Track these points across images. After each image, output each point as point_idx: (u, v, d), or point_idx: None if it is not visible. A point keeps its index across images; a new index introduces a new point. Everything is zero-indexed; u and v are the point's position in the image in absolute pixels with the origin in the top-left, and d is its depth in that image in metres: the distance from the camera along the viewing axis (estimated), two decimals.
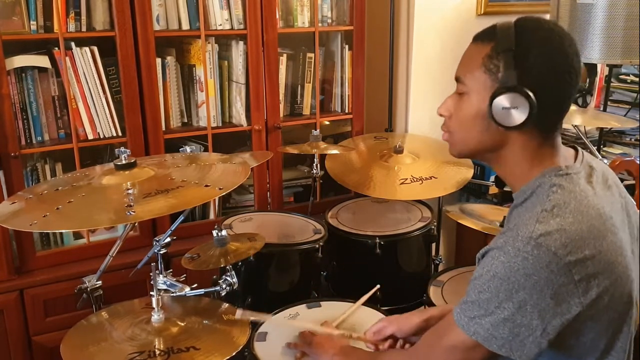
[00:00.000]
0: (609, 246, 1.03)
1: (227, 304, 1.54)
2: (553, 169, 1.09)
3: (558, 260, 0.97)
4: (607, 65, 2.70)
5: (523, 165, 1.11)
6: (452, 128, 1.17)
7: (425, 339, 1.18)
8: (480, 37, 1.12)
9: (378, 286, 1.74)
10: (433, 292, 1.87)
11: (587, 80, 3.18)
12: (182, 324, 1.41)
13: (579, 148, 1.18)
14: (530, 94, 1.03)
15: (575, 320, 1.00)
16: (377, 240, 2.00)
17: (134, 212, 1.20)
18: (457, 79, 1.14)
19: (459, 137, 1.16)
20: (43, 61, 2.00)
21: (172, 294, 1.49)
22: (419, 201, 2.30)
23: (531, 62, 1.04)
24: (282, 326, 1.61)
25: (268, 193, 2.45)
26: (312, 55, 2.46)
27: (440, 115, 1.19)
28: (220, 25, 2.21)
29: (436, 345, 1.11)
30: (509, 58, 1.04)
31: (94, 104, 2.06)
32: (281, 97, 2.41)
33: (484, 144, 1.13)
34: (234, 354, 1.32)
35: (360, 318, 1.66)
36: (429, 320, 1.44)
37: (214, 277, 1.68)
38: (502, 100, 1.05)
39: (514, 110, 1.04)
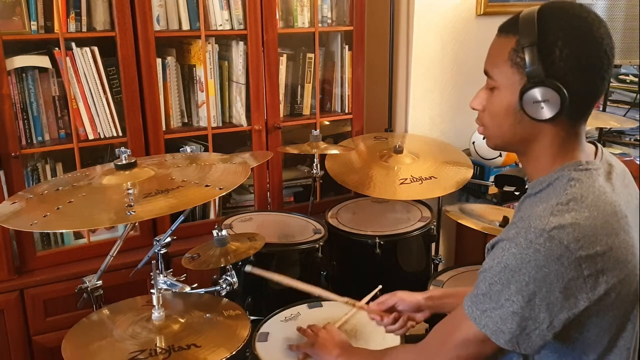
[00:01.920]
0: (620, 244, 1.02)
1: (228, 300, 1.54)
2: (573, 163, 1.08)
3: (569, 254, 0.97)
4: None
5: (548, 157, 1.10)
6: (485, 122, 1.15)
7: (435, 333, 1.17)
8: (504, 29, 1.10)
9: (380, 287, 1.75)
10: None
11: None
12: (183, 321, 1.42)
13: (598, 144, 1.17)
14: (561, 86, 1.02)
15: (581, 315, 1.00)
16: (377, 240, 2.00)
17: (134, 212, 1.20)
18: (486, 73, 1.13)
19: (493, 131, 1.15)
20: (43, 61, 2.01)
21: None
22: (419, 201, 2.30)
23: (557, 54, 1.02)
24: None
25: (268, 193, 2.45)
26: (312, 55, 2.46)
27: (473, 109, 1.17)
28: (221, 25, 2.21)
29: (448, 339, 1.11)
30: (534, 52, 1.02)
31: (95, 104, 2.06)
32: (281, 97, 2.41)
33: (518, 137, 1.12)
34: (235, 351, 1.32)
35: (362, 319, 1.66)
36: (430, 299, 1.48)
37: (214, 277, 1.68)
38: (532, 95, 1.04)
39: (545, 103, 1.03)
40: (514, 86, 1.07)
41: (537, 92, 1.03)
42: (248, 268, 1.59)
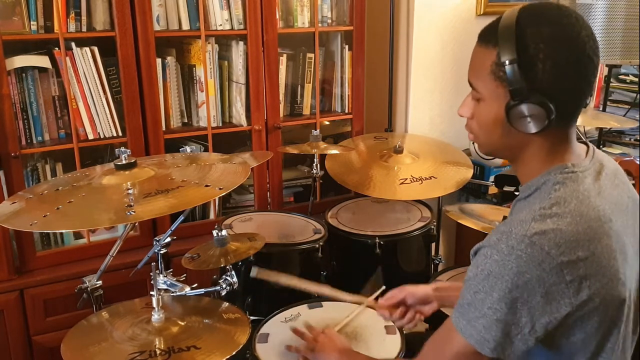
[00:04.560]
0: (603, 249, 1.02)
1: (228, 304, 1.55)
2: (559, 167, 1.07)
3: (551, 259, 0.97)
4: (607, 65, 2.70)
5: (537, 162, 1.10)
6: (474, 130, 1.14)
7: (429, 347, 1.17)
8: (485, 39, 1.08)
9: (383, 287, 1.74)
10: None
11: None
12: (183, 324, 1.42)
13: (591, 144, 1.16)
14: (546, 100, 1.00)
15: (564, 320, 1.00)
16: (377, 240, 2.00)
17: (134, 212, 1.20)
18: (470, 84, 1.11)
19: (482, 139, 1.14)
20: (43, 61, 2.00)
21: (173, 294, 1.49)
22: (419, 201, 2.30)
23: (540, 67, 1.00)
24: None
25: (268, 193, 2.45)
26: (312, 55, 2.46)
27: (461, 116, 1.16)
28: (220, 25, 2.21)
29: (441, 354, 1.10)
30: (516, 69, 1.00)
31: (94, 104, 2.06)
32: (281, 97, 2.41)
33: (507, 146, 1.11)
34: (234, 352, 1.32)
35: (362, 321, 1.66)
36: (438, 290, 1.50)
37: (214, 277, 1.68)
38: (518, 111, 1.02)
39: (531, 118, 1.02)
40: (499, 99, 1.05)
41: (523, 108, 1.02)
42: (254, 272, 1.57)
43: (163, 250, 1.58)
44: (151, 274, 1.41)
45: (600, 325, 1.05)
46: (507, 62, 1.01)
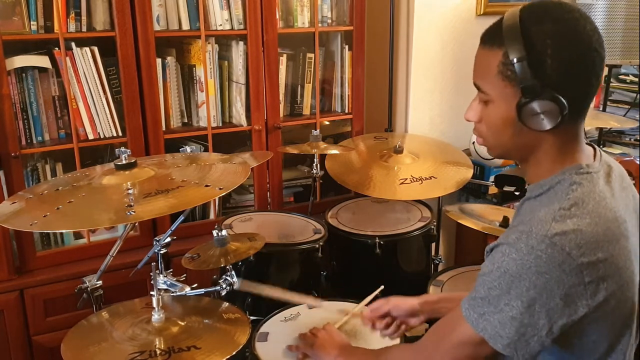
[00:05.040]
0: (620, 251, 1.02)
1: (228, 304, 1.55)
2: (574, 167, 1.07)
3: (571, 260, 0.96)
4: (607, 65, 2.70)
5: (549, 161, 1.09)
6: (483, 134, 1.13)
7: (431, 334, 1.17)
8: (489, 40, 1.07)
9: (382, 287, 1.74)
10: (433, 291, 1.88)
11: None
12: (183, 324, 1.42)
13: (596, 146, 1.16)
14: (558, 95, 1.00)
15: (580, 321, 1.00)
16: (377, 240, 2.00)
17: (134, 212, 1.20)
18: (477, 87, 1.11)
19: (492, 142, 1.13)
20: (43, 61, 2.00)
21: (173, 294, 1.49)
22: (419, 201, 2.30)
23: (549, 62, 1.00)
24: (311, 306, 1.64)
25: (268, 193, 2.45)
26: (312, 55, 2.46)
27: (468, 120, 1.15)
28: (220, 25, 2.21)
29: (444, 340, 1.10)
30: (525, 66, 1.00)
31: (94, 104, 2.06)
32: (281, 97, 2.41)
33: (519, 146, 1.10)
34: (234, 352, 1.31)
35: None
36: (424, 304, 1.49)
37: (214, 277, 1.68)
38: (531, 108, 1.02)
39: (544, 114, 1.01)
40: (508, 99, 1.05)
41: (535, 106, 1.02)
42: (237, 285, 1.56)
43: (163, 250, 1.58)
44: (151, 274, 1.41)
45: (613, 327, 1.05)
46: (515, 60, 1.01)
